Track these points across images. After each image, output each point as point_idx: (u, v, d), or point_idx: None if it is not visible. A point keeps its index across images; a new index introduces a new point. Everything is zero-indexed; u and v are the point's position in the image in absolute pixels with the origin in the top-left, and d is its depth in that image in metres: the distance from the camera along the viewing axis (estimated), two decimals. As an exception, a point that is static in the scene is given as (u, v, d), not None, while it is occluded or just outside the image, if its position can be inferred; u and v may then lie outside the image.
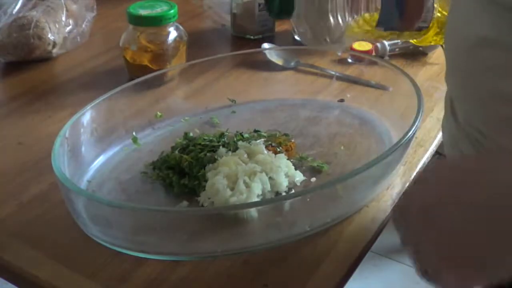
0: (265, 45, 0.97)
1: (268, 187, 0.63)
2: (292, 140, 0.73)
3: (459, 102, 0.57)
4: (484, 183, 0.41)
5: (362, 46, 0.91)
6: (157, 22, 0.84)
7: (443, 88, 0.86)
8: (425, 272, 0.43)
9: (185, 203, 0.63)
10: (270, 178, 0.63)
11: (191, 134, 0.73)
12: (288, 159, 0.68)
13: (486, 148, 0.53)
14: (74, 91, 0.87)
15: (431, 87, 0.86)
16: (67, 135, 0.64)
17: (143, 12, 0.84)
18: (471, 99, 0.54)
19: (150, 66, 0.85)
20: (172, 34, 0.86)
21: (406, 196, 0.47)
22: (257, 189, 0.61)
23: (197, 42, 0.99)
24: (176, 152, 0.68)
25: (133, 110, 0.76)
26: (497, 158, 0.45)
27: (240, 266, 0.56)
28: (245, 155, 0.67)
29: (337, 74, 0.86)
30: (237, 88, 0.84)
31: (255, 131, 0.75)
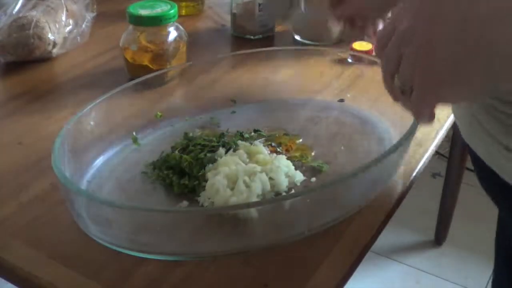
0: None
1: (268, 187, 0.62)
2: (295, 141, 0.73)
3: None
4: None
5: (362, 46, 0.91)
6: (157, 22, 0.84)
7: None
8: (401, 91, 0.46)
9: (185, 203, 0.63)
10: (270, 178, 0.63)
11: (191, 134, 0.73)
12: (288, 159, 0.68)
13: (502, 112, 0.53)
14: (74, 91, 0.87)
15: (431, 87, 0.86)
16: (67, 135, 0.64)
17: (143, 12, 0.84)
18: None
19: (150, 66, 0.85)
20: (172, 34, 0.87)
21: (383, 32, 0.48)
22: (257, 189, 0.61)
23: (197, 42, 0.99)
24: (176, 152, 0.68)
25: (133, 110, 0.76)
26: None
27: (240, 266, 0.56)
28: (245, 155, 0.67)
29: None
30: (237, 88, 0.84)
31: (255, 131, 0.75)
